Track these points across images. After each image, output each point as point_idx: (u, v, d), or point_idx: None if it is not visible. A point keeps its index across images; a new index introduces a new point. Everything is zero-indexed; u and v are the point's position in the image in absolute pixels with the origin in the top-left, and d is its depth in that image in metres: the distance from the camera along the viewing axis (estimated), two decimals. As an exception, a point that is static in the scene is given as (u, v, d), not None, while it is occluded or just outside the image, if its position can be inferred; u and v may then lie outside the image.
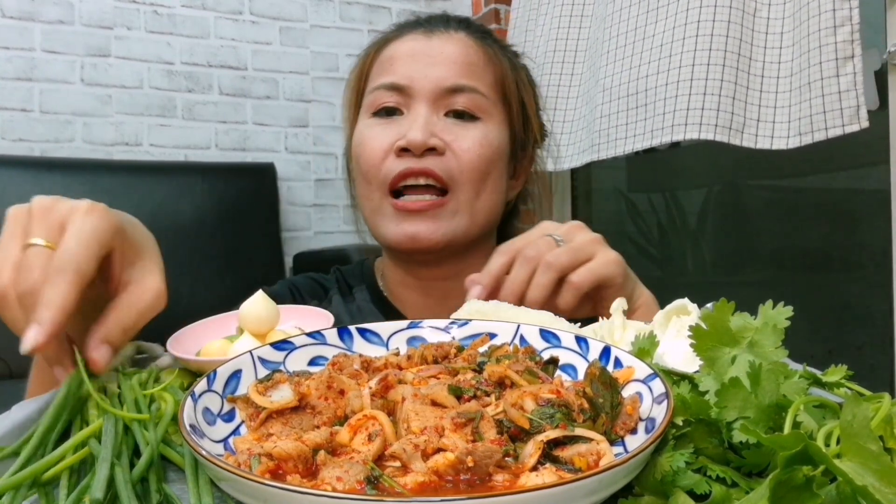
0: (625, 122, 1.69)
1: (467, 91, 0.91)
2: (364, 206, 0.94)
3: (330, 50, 2.57)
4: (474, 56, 0.94)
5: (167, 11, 2.35)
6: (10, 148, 2.16)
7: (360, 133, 0.93)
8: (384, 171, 0.88)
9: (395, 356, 0.52)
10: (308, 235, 2.53)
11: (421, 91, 0.89)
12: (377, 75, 0.93)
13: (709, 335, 0.40)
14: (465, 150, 0.89)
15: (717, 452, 0.37)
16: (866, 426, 0.32)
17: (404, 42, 0.94)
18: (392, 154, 0.88)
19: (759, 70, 1.47)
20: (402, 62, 0.91)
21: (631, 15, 1.72)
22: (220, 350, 0.56)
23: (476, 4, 2.69)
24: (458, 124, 0.90)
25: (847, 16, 1.30)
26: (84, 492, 0.37)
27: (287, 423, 0.41)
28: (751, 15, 1.48)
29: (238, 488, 0.32)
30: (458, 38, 0.94)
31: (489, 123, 0.93)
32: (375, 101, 0.92)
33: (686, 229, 2.31)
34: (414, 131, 0.86)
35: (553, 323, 0.59)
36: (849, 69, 1.30)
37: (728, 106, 1.46)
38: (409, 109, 0.90)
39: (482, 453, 0.34)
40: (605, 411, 0.40)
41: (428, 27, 0.95)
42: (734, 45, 1.47)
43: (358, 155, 0.92)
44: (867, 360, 1.63)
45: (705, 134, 1.47)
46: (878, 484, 0.30)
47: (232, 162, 2.42)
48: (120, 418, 0.43)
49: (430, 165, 0.86)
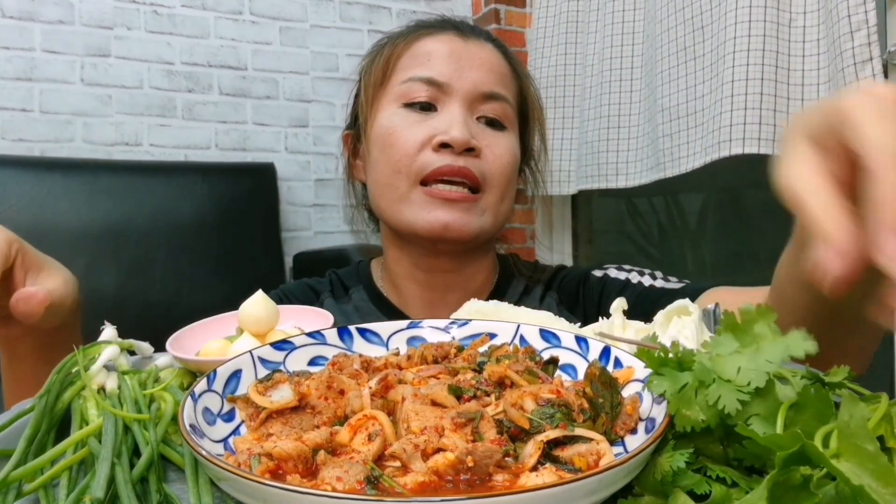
0: (686, 140, 1.73)
1: (500, 100, 0.93)
2: (384, 193, 0.92)
3: (330, 50, 2.56)
4: (503, 68, 0.96)
5: (167, 11, 2.35)
6: (10, 148, 2.16)
7: (389, 122, 0.92)
8: (419, 163, 0.88)
9: (395, 356, 0.52)
10: (308, 235, 2.53)
11: (459, 91, 0.91)
12: (409, 67, 0.93)
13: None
14: (498, 157, 0.91)
15: (717, 452, 0.37)
16: (863, 426, 0.32)
17: (441, 39, 0.94)
18: (428, 148, 0.88)
19: (798, 79, 1.49)
20: (441, 59, 0.92)
21: (678, 35, 1.75)
22: (219, 350, 0.56)
23: (476, 4, 2.69)
24: (490, 130, 0.93)
25: (863, 20, 1.31)
26: (84, 491, 0.37)
27: (287, 423, 0.41)
28: (786, 26, 1.49)
29: (238, 488, 0.32)
30: (489, 48, 0.97)
31: (512, 135, 0.96)
32: (408, 91, 0.91)
33: (686, 230, 2.31)
34: (457, 128, 0.87)
35: (552, 323, 0.59)
36: (867, 72, 1.31)
37: (770, 118, 1.48)
38: (442, 106, 0.91)
39: (482, 453, 0.34)
40: (605, 411, 0.40)
41: (461, 31, 0.96)
42: (771, 59, 1.48)
43: (388, 144, 0.91)
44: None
45: (750, 148, 1.49)
46: (875, 484, 0.30)
47: (232, 162, 2.42)
48: (120, 418, 0.43)
49: (468, 165, 0.88)
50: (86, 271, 2.01)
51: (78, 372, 0.50)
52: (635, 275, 0.95)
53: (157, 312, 2.01)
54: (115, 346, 0.54)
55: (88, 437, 0.42)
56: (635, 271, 0.96)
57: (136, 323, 0.78)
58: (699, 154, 1.67)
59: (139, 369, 0.54)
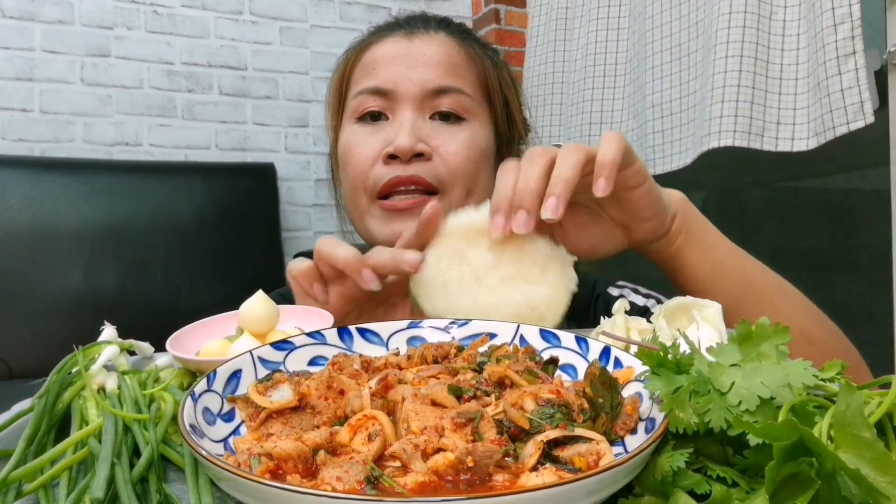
0: (678, 137, 1.72)
1: (452, 92, 0.90)
2: (352, 210, 0.94)
3: (330, 50, 2.56)
4: (456, 56, 0.93)
5: (167, 11, 2.35)
6: (10, 148, 2.16)
7: (345, 139, 0.92)
8: (373, 178, 0.88)
9: (395, 356, 0.52)
10: (308, 235, 2.53)
11: (405, 94, 0.89)
12: (359, 79, 0.93)
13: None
14: (454, 154, 0.89)
15: (717, 452, 0.37)
16: (860, 414, 0.32)
17: (385, 45, 0.93)
18: (380, 161, 0.88)
19: (777, 73, 1.49)
20: (385, 66, 0.91)
21: (673, 31, 1.74)
22: (219, 350, 0.56)
23: (476, 4, 2.69)
24: (445, 127, 0.90)
25: (847, 13, 1.31)
26: (84, 491, 0.37)
27: (287, 423, 0.41)
28: (767, 18, 1.49)
29: (238, 488, 0.32)
30: (439, 38, 0.94)
31: (475, 123, 0.93)
32: (359, 106, 0.91)
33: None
34: (401, 137, 0.85)
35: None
36: (850, 66, 1.30)
37: (747, 111, 1.48)
38: (394, 114, 0.90)
39: (482, 453, 0.34)
40: (605, 411, 0.40)
41: (408, 29, 0.94)
42: (750, 50, 1.48)
43: (345, 162, 0.92)
44: (867, 360, 1.63)
45: (726, 140, 1.48)
46: (872, 473, 0.30)
47: (232, 162, 2.42)
48: (120, 418, 0.43)
49: (418, 172, 0.86)
50: (86, 271, 2.01)
51: (78, 372, 0.50)
52: (653, 301, 0.90)
53: (157, 312, 2.01)
54: (115, 346, 0.54)
55: (88, 438, 0.42)
56: (653, 297, 0.91)
57: (136, 323, 0.78)
58: (690, 150, 1.66)
59: (139, 369, 0.54)
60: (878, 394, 0.37)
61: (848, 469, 0.30)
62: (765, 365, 0.38)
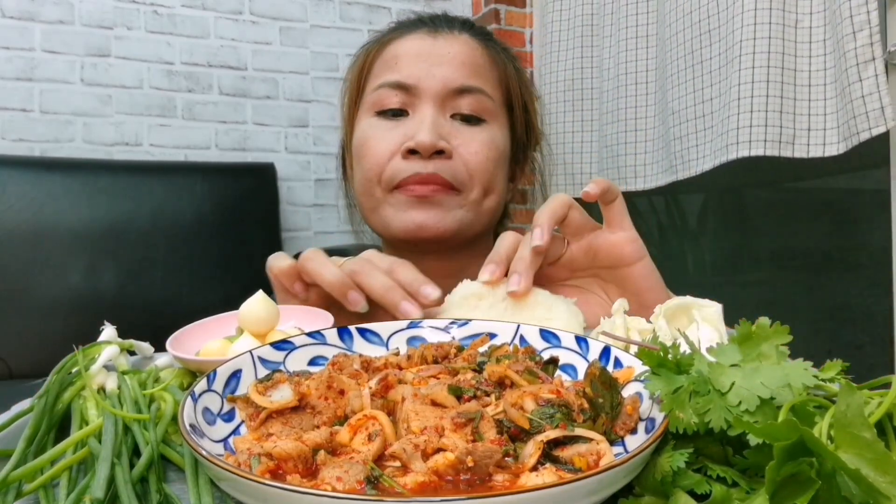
0: (695, 143, 1.74)
1: (474, 92, 0.90)
2: (364, 202, 0.93)
3: (330, 50, 2.56)
4: (479, 58, 0.93)
5: (167, 11, 2.35)
6: (10, 148, 2.16)
7: (362, 132, 0.92)
8: (390, 171, 0.87)
9: (395, 356, 0.52)
10: (308, 235, 2.53)
11: (427, 91, 0.88)
12: (380, 73, 0.92)
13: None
14: (473, 154, 0.88)
15: (717, 452, 0.37)
16: (860, 414, 0.32)
17: (409, 41, 0.92)
18: (398, 155, 0.87)
19: (805, 80, 1.50)
20: (408, 61, 0.90)
21: (686, 38, 1.76)
22: (219, 350, 0.56)
23: (476, 4, 2.69)
24: (465, 127, 0.90)
25: (865, 20, 1.32)
26: (84, 491, 0.37)
27: (287, 423, 0.41)
28: (792, 27, 1.50)
29: (238, 488, 0.32)
30: (463, 39, 0.94)
31: (494, 126, 0.92)
32: (380, 99, 0.90)
33: (686, 230, 2.31)
34: (423, 133, 0.85)
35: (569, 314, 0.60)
36: (870, 72, 1.31)
37: (776, 120, 1.49)
38: (414, 110, 0.89)
39: (482, 453, 0.34)
40: (605, 411, 0.40)
41: (432, 27, 0.94)
42: (777, 60, 1.49)
43: (361, 154, 0.91)
44: (867, 360, 1.63)
45: (756, 150, 1.49)
46: (872, 473, 0.30)
47: (232, 162, 2.42)
48: (120, 418, 0.43)
49: (438, 170, 0.86)
50: (86, 271, 2.01)
51: (78, 372, 0.50)
52: None
53: (157, 312, 2.01)
54: (115, 346, 0.54)
55: (88, 438, 0.42)
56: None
57: (136, 323, 0.78)
58: (709, 157, 1.68)
59: (139, 369, 0.54)
60: (878, 394, 0.37)
61: (848, 469, 0.30)
62: (765, 365, 0.38)
